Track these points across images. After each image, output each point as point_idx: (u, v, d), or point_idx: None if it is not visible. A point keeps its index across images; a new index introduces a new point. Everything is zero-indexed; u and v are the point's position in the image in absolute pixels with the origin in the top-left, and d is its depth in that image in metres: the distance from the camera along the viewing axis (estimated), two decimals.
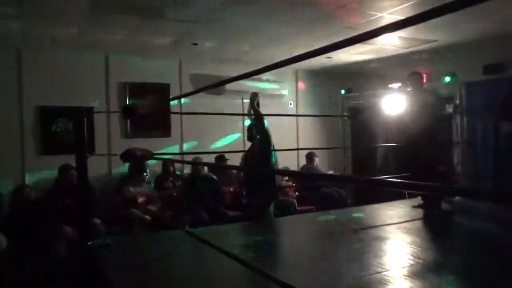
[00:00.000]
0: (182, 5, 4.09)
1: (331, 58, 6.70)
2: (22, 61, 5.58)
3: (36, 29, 4.75)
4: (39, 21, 4.49)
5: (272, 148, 4.24)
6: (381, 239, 3.28)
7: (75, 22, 4.50)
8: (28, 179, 5.59)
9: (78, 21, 4.49)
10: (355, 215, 4.39)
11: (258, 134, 4.27)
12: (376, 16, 4.45)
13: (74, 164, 4.66)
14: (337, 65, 7.21)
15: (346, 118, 7.97)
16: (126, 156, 3.36)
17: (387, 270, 2.41)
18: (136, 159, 2.81)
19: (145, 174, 5.13)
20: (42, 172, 5.63)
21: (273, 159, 4.25)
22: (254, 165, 4.26)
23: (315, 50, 1.31)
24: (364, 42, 5.33)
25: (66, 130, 5.65)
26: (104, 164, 6.12)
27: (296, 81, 7.78)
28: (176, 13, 4.30)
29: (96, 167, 5.36)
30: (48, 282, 3.99)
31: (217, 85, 3.51)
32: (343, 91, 7.97)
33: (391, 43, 5.71)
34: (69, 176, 4.76)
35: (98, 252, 3.07)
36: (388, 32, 0.97)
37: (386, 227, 3.77)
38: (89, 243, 3.34)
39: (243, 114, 7.29)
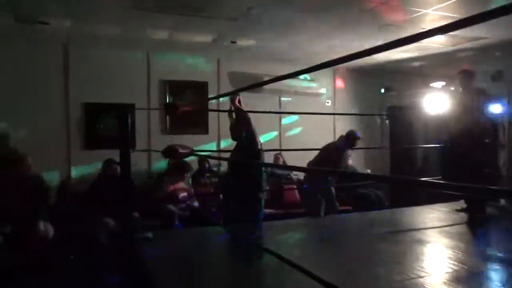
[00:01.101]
0: (222, 3, 4.13)
1: (371, 55, 6.55)
2: (69, 59, 5.82)
3: (82, 27, 4.94)
4: (85, 20, 4.67)
5: (259, 148, 4.15)
6: (422, 242, 3.19)
7: (119, 20, 4.65)
8: (73, 172, 5.83)
9: (121, 20, 4.64)
10: (395, 217, 4.29)
11: (243, 133, 4.14)
12: (420, 12, 4.32)
13: (117, 159, 4.89)
14: (377, 63, 7.06)
15: (385, 117, 7.80)
16: (168, 152, 3.45)
17: (429, 275, 2.34)
18: (178, 156, 2.87)
19: (186, 172, 5.23)
20: (86, 166, 5.86)
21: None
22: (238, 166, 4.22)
23: (364, 51, 1.30)
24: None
25: (109, 126, 5.85)
26: (144, 160, 6.29)
27: (334, 79, 7.68)
28: (216, 11, 4.36)
29: (137, 162, 5.53)
30: (91, 271, 4.15)
31: (259, 85, 3.52)
32: (382, 90, 7.80)
33: (435, 41, 5.53)
34: (112, 170, 4.93)
35: (140, 244, 3.16)
36: (449, 31, 0.93)
37: (427, 230, 3.66)
38: (131, 235, 3.46)
39: (279, 113, 7.31)
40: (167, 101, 6.44)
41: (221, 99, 6.75)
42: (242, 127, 4.15)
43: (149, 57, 6.32)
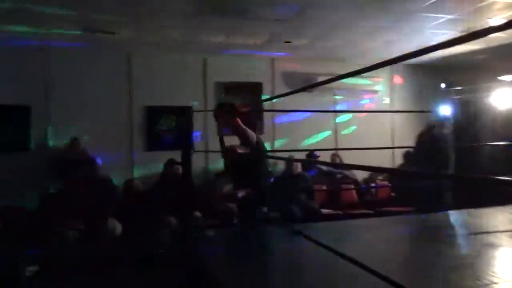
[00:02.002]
0: (276, 4, 4.16)
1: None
2: (132, 64, 6.13)
3: (145, 35, 5.18)
4: (148, 27, 4.90)
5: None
6: (492, 246, 3.01)
7: (179, 26, 4.83)
8: (136, 173, 6.13)
9: (181, 26, 4.81)
10: (462, 218, 4.08)
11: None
12: (487, 2, 4.07)
13: (177, 160, 5.08)
14: (437, 57, 6.74)
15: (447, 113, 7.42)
16: (228, 153, 3.53)
17: (504, 281, 2.21)
18: (237, 156, 2.93)
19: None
20: (148, 166, 6.13)
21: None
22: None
23: (432, 46, 1.26)
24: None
25: (169, 128, 6.09)
26: (201, 160, 6.47)
27: (391, 75, 7.44)
28: (270, 12, 4.39)
29: (194, 163, 5.70)
30: (154, 267, 4.35)
31: (316, 85, 3.49)
32: (443, 85, 7.42)
33: (502, 32, 5.18)
34: (173, 171, 5.13)
35: (201, 242, 3.27)
36: None
37: (497, 233, 3.44)
38: (192, 233, 3.58)
39: (334, 111, 7.21)
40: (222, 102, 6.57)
41: (275, 99, 6.81)
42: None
43: (205, 60, 6.49)
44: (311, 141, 6.98)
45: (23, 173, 5.36)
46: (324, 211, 5.62)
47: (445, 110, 7.06)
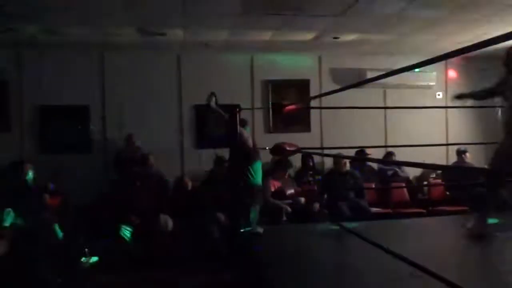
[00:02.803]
0: (326, 0, 4.11)
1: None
2: (181, 64, 6.30)
3: (194, 35, 5.31)
4: (197, 29, 5.02)
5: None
6: None
7: (227, 26, 4.91)
8: (186, 170, 6.30)
9: (229, 25, 4.88)
10: None
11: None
12: None
13: (226, 157, 5.18)
14: (495, 48, 6.35)
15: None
16: (276, 150, 3.55)
17: None
18: (286, 153, 2.94)
19: (287, 169, 5.34)
20: (197, 164, 6.28)
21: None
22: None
23: (496, 38, 1.20)
24: None
25: (216, 126, 6.19)
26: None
27: (446, 69, 7.11)
28: (319, 8, 4.35)
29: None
30: (204, 261, 4.44)
31: (367, 82, 3.42)
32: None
33: None
34: (222, 168, 5.23)
35: (250, 239, 3.31)
36: None
37: None
38: (242, 230, 3.63)
39: (384, 108, 7.01)
40: (270, 101, 6.62)
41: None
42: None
43: (252, 58, 6.55)
44: (360, 139, 6.83)
45: (85, 171, 5.69)
46: (374, 209, 5.49)
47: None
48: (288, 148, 2.85)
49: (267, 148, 4.79)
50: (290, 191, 5.01)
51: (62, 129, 5.94)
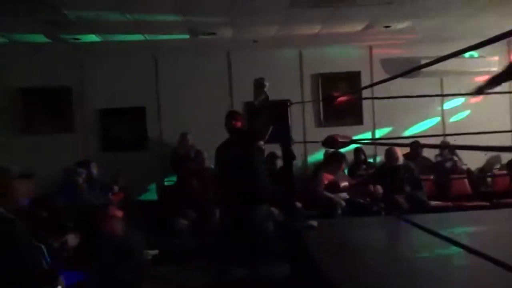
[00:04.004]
0: None
1: None
2: (231, 62, 6.41)
3: (243, 33, 5.39)
4: (246, 26, 5.09)
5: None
6: None
7: (275, 21, 4.93)
8: None
9: (278, 20, 4.90)
10: None
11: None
12: None
13: (277, 153, 5.21)
14: None
15: None
16: (329, 142, 3.52)
17: None
18: (338, 145, 2.91)
19: (343, 163, 5.27)
20: None
21: None
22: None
23: None
24: None
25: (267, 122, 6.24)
26: (300, 152, 6.52)
27: (509, 53, 6.67)
28: None
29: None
30: (260, 256, 4.50)
31: (421, 67, 3.28)
32: None
33: None
34: (275, 163, 5.27)
35: (305, 233, 3.32)
36: None
37: None
38: (296, 224, 3.65)
39: (441, 95, 6.71)
40: (320, 94, 6.57)
41: (376, 87, 6.57)
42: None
43: (301, 52, 6.52)
44: (415, 131, 6.60)
45: (143, 168, 5.97)
46: (433, 203, 5.28)
47: None
48: (340, 140, 2.80)
49: (318, 141, 4.76)
50: (344, 183, 4.94)
51: (121, 129, 6.27)
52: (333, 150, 4.97)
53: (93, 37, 5.33)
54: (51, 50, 5.79)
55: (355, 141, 3.52)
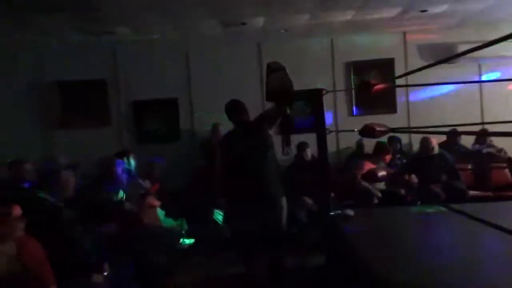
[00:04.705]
0: None
1: None
2: (262, 52, 6.38)
3: (274, 22, 5.35)
4: (277, 15, 5.04)
5: None
6: None
7: (307, 9, 4.85)
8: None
9: (310, 8, 4.82)
10: None
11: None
12: None
13: (309, 142, 5.19)
14: None
15: None
16: (366, 131, 3.46)
17: None
18: (376, 135, 2.86)
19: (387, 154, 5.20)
20: (280, 149, 6.34)
21: None
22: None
23: None
24: None
25: (302, 111, 6.20)
26: (333, 142, 6.45)
27: None
28: None
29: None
30: (296, 245, 4.49)
31: (459, 55, 3.15)
32: None
33: None
34: (305, 153, 5.25)
35: (342, 222, 3.29)
36: None
37: None
38: (331, 213, 3.61)
39: (478, 82, 6.47)
40: (352, 83, 6.47)
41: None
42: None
43: (333, 40, 6.42)
44: (452, 119, 6.39)
45: (176, 159, 6.06)
46: (472, 193, 5.13)
47: None
48: (378, 129, 2.75)
49: (355, 130, 4.69)
50: (382, 173, 4.85)
51: (154, 121, 6.38)
52: (377, 139, 4.90)
53: (125, 30, 5.41)
54: (85, 44, 5.92)
55: (393, 129, 3.41)
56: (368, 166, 4.99)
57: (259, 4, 4.57)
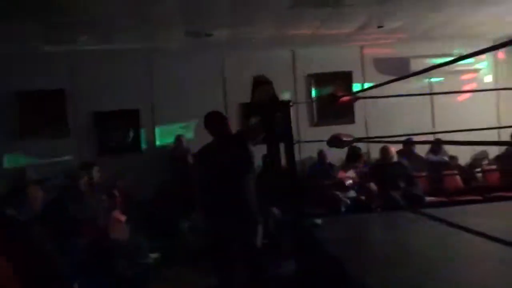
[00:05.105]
0: None
1: None
2: (225, 63, 6.43)
3: (239, 33, 5.42)
4: (242, 27, 5.12)
5: None
6: None
7: (272, 22, 4.98)
8: None
9: (274, 21, 4.95)
10: None
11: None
12: None
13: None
14: None
15: None
16: (333, 141, 3.57)
17: None
18: (343, 145, 2.96)
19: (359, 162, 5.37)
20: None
21: None
22: None
23: None
24: None
25: (261, 121, 6.28)
26: (295, 152, 6.56)
27: (495, 53, 6.88)
28: None
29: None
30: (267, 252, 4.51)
31: (413, 75, 3.36)
32: None
33: None
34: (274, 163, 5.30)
35: (311, 230, 3.35)
36: None
37: None
38: (301, 222, 3.68)
39: (430, 94, 6.89)
40: (312, 95, 6.68)
41: (366, 86, 6.71)
42: None
43: (295, 53, 6.59)
44: (407, 128, 6.75)
45: (138, 171, 5.92)
46: (428, 198, 5.42)
47: None
48: (344, 139, 2.85)
49: (324, 140, 4.83)
50: (349, 181, 5.03)
51: (116, 132, 6.21)
52: (351, 147, 5.05)
53: (86, 39, 5.27)
54: (44, 53, 5.69)
55: (358, 140, 3.58)
56: (342, 174, 5.16)
57: (224, 16, 4.62)
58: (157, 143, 6.38)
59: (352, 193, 5.17)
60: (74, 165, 5.57)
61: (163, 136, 6.38)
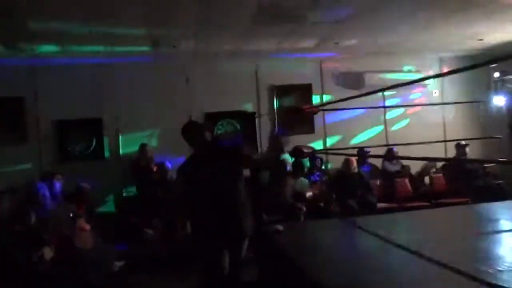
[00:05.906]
0: (331, 9, 4.41)
1: (483, 40, 6.28)
2: (190, 74, 6.55)
3: (203, 46, 5.59)
4: (206, 39, 5.29)
5: None
6: None
7: (236, 36, 5.18)
8: None
9: (237, 35, 5.16)
10: None
11: None
12: None
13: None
14: (490, 47, 6.71)
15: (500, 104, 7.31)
16: (295, 152, 3.82)
17: None
18: (304, 155, 3.21)
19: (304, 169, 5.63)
20: None
21: None
22: None
23: None
24: None
25: (228, 132, 6.48)
26: None
27: (441, 68, 7.45)
28: (324, 16, 4.64)
29: None
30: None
31: (370, 94, 3.64)
32: (497, 74, 7.32)
33: None
34: None
35: (273, 236, 3.56)
36: None
37: None
38: (264, 229, 3.89)
39: (384, 107, 7.33)
40: (275, 105, 6.94)
41: (325, 98, 7.06)
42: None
43: (258, 65, 6.83)
44: (362, 138, 7.16)
45: (101, 179, 5.91)
46: (380, 205, 5.79)
47: (499, 100, 7.00)
48: (305, 150, 3.09)
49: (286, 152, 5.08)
50: (309, 193, 5.31)
51: (78, 140, 6.18)
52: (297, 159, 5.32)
53: (49, 47, 5.25)
54: (4, 60, 5.60)
55: (317, 151, 3.86)
56: (290, 181, 5.46)
57: (192, 28, 4.77)
58: (121, 151, 6.39)
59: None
60: (34, 173, 5.51)
61: (127, 145, 6.41)
